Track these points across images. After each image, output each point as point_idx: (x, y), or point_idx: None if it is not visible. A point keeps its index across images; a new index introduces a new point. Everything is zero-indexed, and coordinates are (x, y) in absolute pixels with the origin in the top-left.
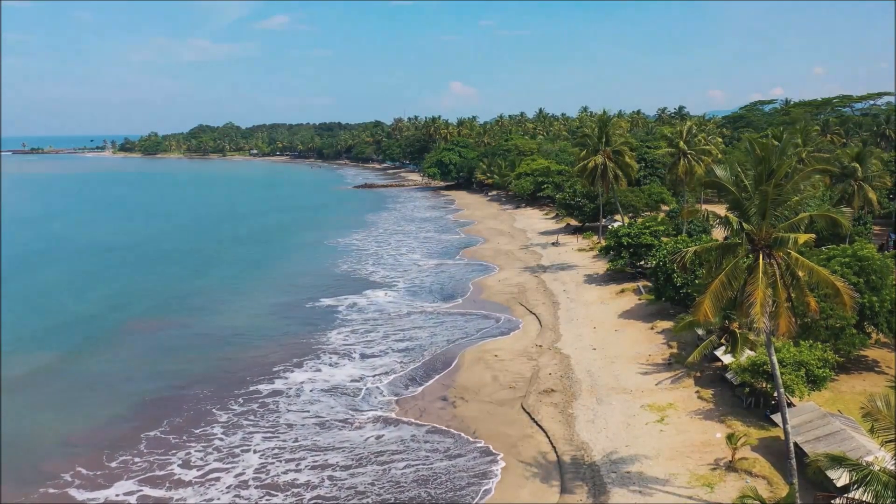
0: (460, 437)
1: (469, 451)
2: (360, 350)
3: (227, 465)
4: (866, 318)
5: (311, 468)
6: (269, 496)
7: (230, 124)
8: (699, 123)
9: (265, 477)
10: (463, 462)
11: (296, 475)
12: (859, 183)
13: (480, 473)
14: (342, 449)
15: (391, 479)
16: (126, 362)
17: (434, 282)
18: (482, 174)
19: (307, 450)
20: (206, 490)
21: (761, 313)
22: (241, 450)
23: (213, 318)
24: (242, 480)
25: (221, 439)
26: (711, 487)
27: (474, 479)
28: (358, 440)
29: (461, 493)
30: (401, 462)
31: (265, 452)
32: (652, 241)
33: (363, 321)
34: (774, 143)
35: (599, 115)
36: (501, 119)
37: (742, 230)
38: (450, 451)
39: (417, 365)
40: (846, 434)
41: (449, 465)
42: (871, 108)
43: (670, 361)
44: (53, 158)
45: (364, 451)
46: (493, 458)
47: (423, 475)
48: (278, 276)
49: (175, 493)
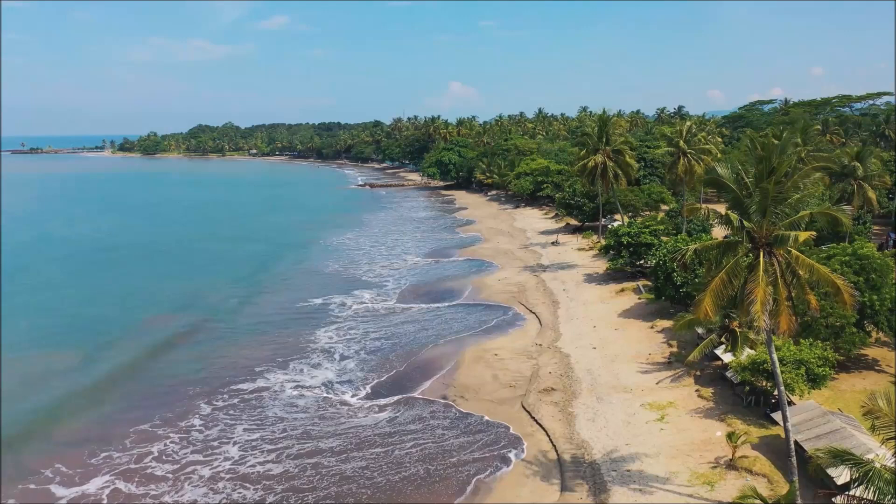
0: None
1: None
2: (361, 348)
3: (205, 458)
4: (866, 317)
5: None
6: (241, 488)
7: (229, 124)
8: (699, 123)
9: (242, 469)
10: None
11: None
12: (859, 182)
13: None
14: (333, 446)
15: (396, 459)
16: (124, 361)
17: (433, 281)
18: (482, 174)
19: (298, 442)
20: (182, 483)
21: (762, 311)
22: (220, 442)
23: (203, 317)
24: (216, 471)
25: (200, 431)
26: (712, 486)
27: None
28: (357, 436)
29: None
30: (406, 446)
31: (245, 444)
32: (652, 241)
33: (363, 320)
34: (774, 142)
35: (599, 114)
36: (501, 119)
37: (743, 228)
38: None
39: (417, 364)
40: (847, 432)
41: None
42: (871, 107)
43: (670, 360)
44: (53, 158)
45: (369, 435)
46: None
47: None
48: (278, 275)
49: (149, 487)
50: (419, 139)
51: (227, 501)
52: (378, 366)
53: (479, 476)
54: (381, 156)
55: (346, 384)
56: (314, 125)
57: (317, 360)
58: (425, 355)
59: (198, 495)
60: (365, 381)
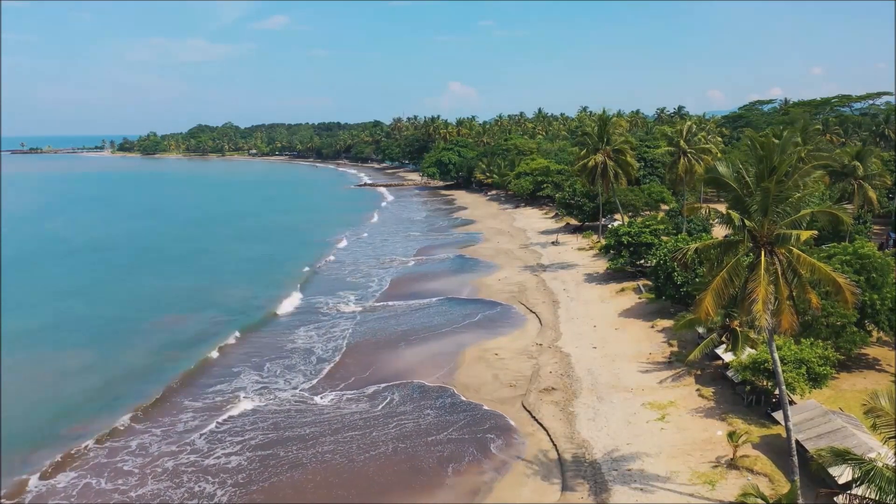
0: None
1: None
2: (361, 347)
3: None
4: (867, 316)
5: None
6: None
7: (229, 124)
8: (699, 123)
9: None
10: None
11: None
12: (859, 182)
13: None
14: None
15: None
16: (121, 360)
17: (433, 280)
18: (481, 174)
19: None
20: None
21: (763, 310)
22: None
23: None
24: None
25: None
26: (713, 485)
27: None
28: (367, 436)
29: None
30: (406, 447)
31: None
32: (652, 240)
33: (362, 319)
34: (775, 141)
35: (599, 114)
36: (501, 119)
37: (744, 227)
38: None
39: (417, 363)
40: (848, 431)
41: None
42: (871, 107)
43: (671, 360)
44: (52, 158)
45: (376, 436)
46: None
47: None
48: (276, 275)
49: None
50: (419, 139)
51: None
52: (378, 365)
53: (483, 475)
54: (381, 156)
55: (346, 382)
56: (314, 125)
57: (316, 357)
58: (425, 354)
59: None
60: (366, 379)
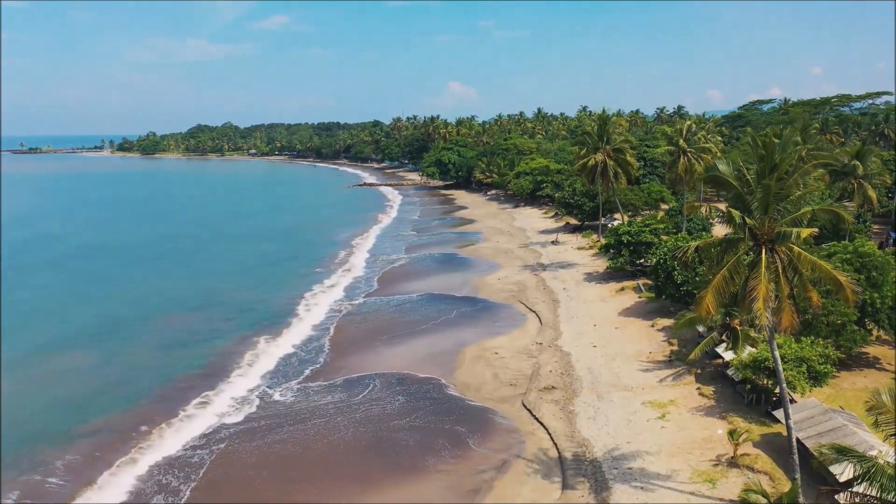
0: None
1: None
2: (358, 346)
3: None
4: (867, 315)
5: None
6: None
7: (229, 124)
8: (698, 122)
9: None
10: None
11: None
12: (859, 181)
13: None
14: None
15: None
16: (116, 360)
17: (432, 279)
18: (481, 173)
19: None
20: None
21: (764, 308)
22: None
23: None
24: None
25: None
26: (713, 483)
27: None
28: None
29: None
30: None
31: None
32: (652, 240)
33: (361, 318)
34: (775, 140)
35: (599, 113)
36: (500, 119)
37: (745, 225)
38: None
39: (417, 362)
40: (849, 429)
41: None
42: (870, 107)
43: (671, 358)
44: (52, 158)
45: (385, 435)
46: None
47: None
48: (292, 271)
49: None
50: (418, 139)
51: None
52: (377, 364)
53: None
54: (381, 155)
55: (345, 382)
56: (313, 125)
57: (315, 349)
58: (424, 353)
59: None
60: (365, 378)
